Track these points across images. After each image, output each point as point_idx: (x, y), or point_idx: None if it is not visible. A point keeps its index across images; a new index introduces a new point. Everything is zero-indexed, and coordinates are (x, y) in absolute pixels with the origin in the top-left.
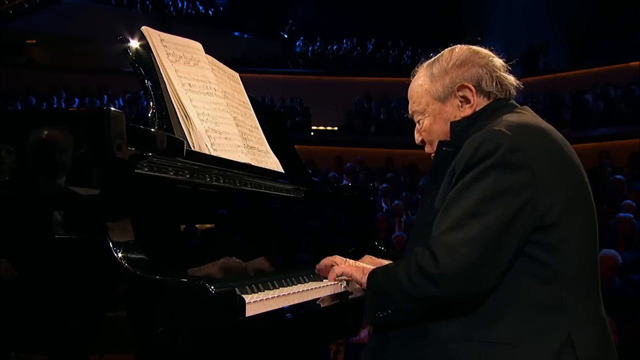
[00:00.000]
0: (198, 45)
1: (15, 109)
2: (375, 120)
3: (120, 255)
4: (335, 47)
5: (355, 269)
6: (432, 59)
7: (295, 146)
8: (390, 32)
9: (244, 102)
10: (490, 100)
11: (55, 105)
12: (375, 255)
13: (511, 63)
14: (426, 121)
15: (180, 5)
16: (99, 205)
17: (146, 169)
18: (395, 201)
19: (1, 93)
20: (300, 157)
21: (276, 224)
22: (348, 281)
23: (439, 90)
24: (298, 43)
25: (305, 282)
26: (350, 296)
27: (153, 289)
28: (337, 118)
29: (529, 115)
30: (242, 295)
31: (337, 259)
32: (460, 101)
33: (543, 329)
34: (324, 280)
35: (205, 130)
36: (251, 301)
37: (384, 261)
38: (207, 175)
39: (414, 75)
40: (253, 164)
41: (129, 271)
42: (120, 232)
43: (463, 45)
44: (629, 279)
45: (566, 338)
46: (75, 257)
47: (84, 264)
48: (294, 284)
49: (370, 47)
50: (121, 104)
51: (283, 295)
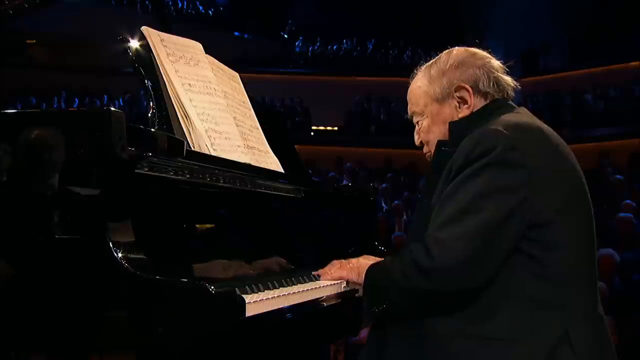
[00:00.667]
0: (198, 45)
1: (15, 109)
2: (375, 120)
3: (120, 255)
4: (335, 47)
5: (350, 270)
6: (431, 62)
7: (295, 146)
8: (390, 32)
9: (244, 102)
10: (488, 101)
11: (55, 105)
12: (375, 255)
13: (509, 64)
14: (425, 122)
15: (180, 5)
16: (99, 205)
17: (146, 169)
18: (395, 201)
19: (1, 93)
20: (300, 157)
21: (276, 224)
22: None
23: (437, 91)
24: (298, 43)
25: (305, 282)
26: (350, 296)
27: (153, 289)
28: (337, 118)
29: (526, 116)
30: (242, 295)
31: (335, 264)
32: (457, 102)
33: (539, 325)
34: (324, 280)
35: (205, 130)
36: (251, 301)
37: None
38: (207, 175)
39: (413, 78)
40: (253, 164)
41: (129, 271)
42: (120, 232)
43: (461, 48)
44: (629, 279)
45: (562, 334)
46: (75, 257)
47: (84, 264)
48: (294, 284)
49: (370, 47)
50: (121, 104)
51: (283, 295)
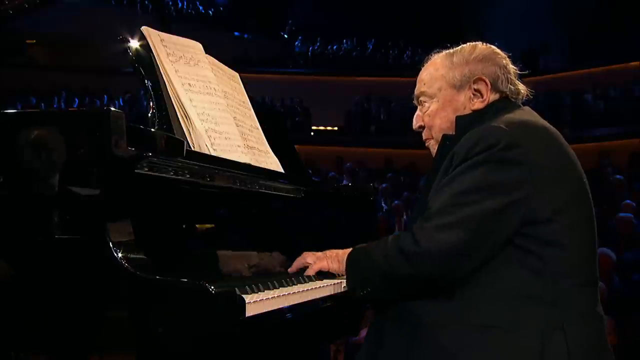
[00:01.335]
0: (198, 45)
1: (15, 109)
2: (375, 120)
3: (120, 255)
4: (335, 47)
5: (330, 259)
6: (452, 50)
7: (295, 146)
8: (390, 32)
9: (244, 102)
10: (499, 99)
11: (55, 105)
12: None
13: (522, 72)
14: (433, 106)
15: (180, 5)
16: (99, 205)
17: (146, 169)
18: (395, 201)
19: (1, 93)
20: (300, 157)
21: (276, 224)
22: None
23: (457, 77)
24: (298, 43)
25: (305, 282)
26: (350, 296)
27: (153, 289)
28: (337, 118)
29: (530, 114)
30: (242, 295)
31: (307, 256)
32: (473, 93)
33: (533, 315)
34: (324, 280)
35: (205, 130)
36: (251, 301)
37: None
38: (207, 175)
39: (427, 62)
40: (253, 164)
41: (129, 271)
42: (120, 232)
43: (484, 44)
44: (629, 279)
45: (558, 328)
46: (75, 257)
47: (84, 264)
48: (294, 284)
49: (370, 47)
50: (121, 104)
51: (283, 295)
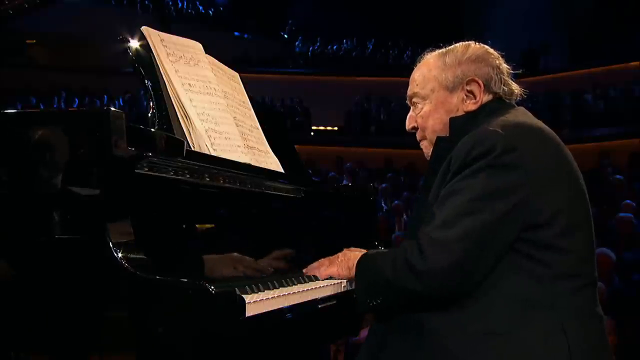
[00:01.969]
0: (198, 45)
1: (15, 109)
2: (375, 120)
3: (120, 255)
4: (335, 47)
5: (340, 266)
6: (445, 49)
7: (295, 146)
8: (390, 32)
9: (244, 102)
10: (492, 100)
11: (55, 105)
12: None
13: (516, 72)
14: (426, 107)
15: (180, 5)
16: (99, 205)
17: (146, 169)
18: (395, 201)
19: (1, 93)
20: (300, 157)
21: (276, 224)
22: (349, 281)
23: (449, 79)
24: (298, 43)
25: (305, 282)
26: (350, 296)
27: (153, 289)
28: (337, 118)
29: (525, 115)
30: (242, 295)
31: (323, 263)
32: (466, 95)
33: (535, 320)
34: (324, 280)
35: (205, 130)
36: (251, 301)
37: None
38: (207, 175)
39: (420, 61)
40: (253, 164)
41: (129, 271)
42: (120, 232)
43: (477, 43)
44: (629, 279)
45: (559, 330)
46: (75, 257)
47: (84, 264)
48: (294, 284)
49: (370, 47)
50: (121, 104)
51: (283, 295)
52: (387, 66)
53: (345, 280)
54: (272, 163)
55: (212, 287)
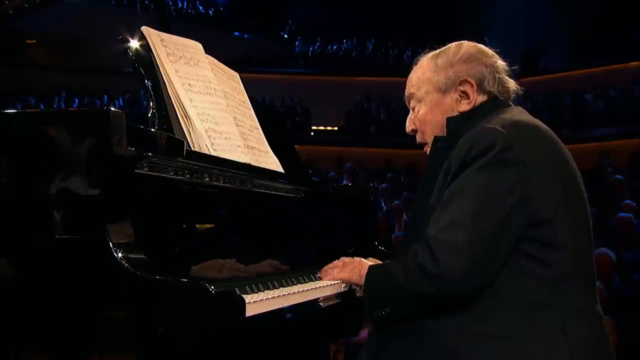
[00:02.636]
0: (198, 45)
1: (15, 109)
2: (375, 120)
3: (120, 255)
4: (335, 47)
5: (351, 271)
6: (438, 50)
7: (295, 146)
8: (390, 32)
9: (244, 102)
10: (488, 99)
11: (55, 105)
12: (375, 255)
13: (512, 67)
14: (422, 109)
15: (180, 5)
16: (99, 205)
17: (146, 169)
18: (395, 201)
19: (1, 93)
20: (300, 157)
21: (276, 224)
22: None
23: (442, 81)
24: (298, 43)
25: (305, 282)
26: (350, 296)
27: (153, 289)
28: (337, 118)
29: (522, 113)
30: (242, 295)
31: (337, 264)
32: (459, 95)
33: (536, 322)
34: (324, 280)
35: (205, 130)
36: (251, 301)
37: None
38: (207, 175)
39: (416, 64)
40: (253, 164)
41: (129, 271)
42: (120, 232)
43: (470, 43)
44: (629, 279)
45: (559, 330)
46: (75, 257)
47: (84, 264)
48: (294, 284)
49: (370, 47)
50: (121, 104)
51: (283, 295)
52: (387, 66)
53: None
54: (272, 163)
55: (212, 287)
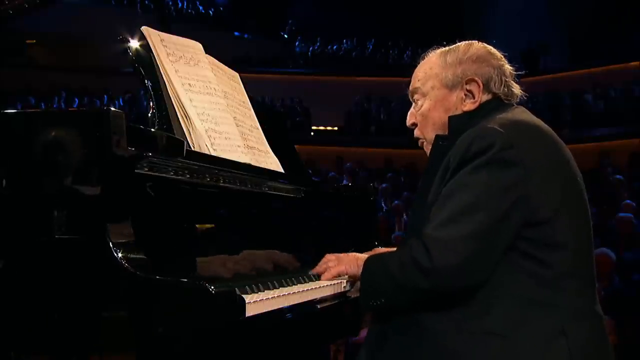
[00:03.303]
0: (198, 45)
1: (15, 109)
2: (375, 120)
3: (120, 255)
4: (335, 47)
5: (348, 264)
6: (448, 48)
7: (295, 146)
8: (390, 32)
9: (244, 102)
10: (492, 99)
11: (55, 105)
12: None
13: (518, 73)
14: (426, 104)
15: (180, 5)
16: (99, 205)
17: (146, 169)
18: (395, 201)
19: (1, 93)
20: (300, 157)
21: (276, 224)
22: (349, 281)
23: (449, 77)
24: (298, 43)
25: (305, 282)
26: (350, 296)
27: (153, 289)
28: (337, 118)
29: (523, 113)
30: (242, 295)
31: (329, 258)
32: (465, 94)
33: (535, 321)
34: (324, 280)
35: (205, 130)
36: (251, 301)
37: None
38: (207, 175)
39: (423, 59)
40: (253, 164)
41: (129, 271)
42: (120, 232)
43: (480, 43)
44: (629, 279)
45: (558, 330)
46: (75, 257)
47: (84, 264)
48: (294, 284)
49: (370, 47)
50: (121, 104)
51: (283, 295)
52: (387, 66)
53: (345, 281)
54: (272, 163)
55: (212, 287)
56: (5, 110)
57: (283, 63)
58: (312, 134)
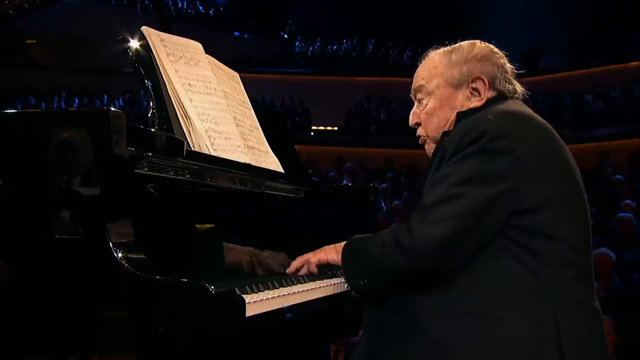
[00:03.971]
0: (198, 45)
1: (15, 109)
2: (375, 120)
3: (120, 255)
4: (335, 47)
5: (327, 251)
6: (451, 47)
7: (295, 146)
8: (390, 32)
9: (244, 102)
10: (496, 96)
11: (55, 105)
12: None
13: (519, 72)
14: (431, 103)
15: (180, 5)
16: (99, 206)
17: (146, 169)
18: (395, 201)
19: (1, 93)
20: (300, 157)
21: (276, 224)
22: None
23: (455, 76)
24: (298, 43)
25: (305, 282)
26: (350, 296)
27: (153, 289)
28: (337, 118)
29: (518, 105)
30: (242, 295)
31: (304, 255)
32: (470, 92)
33: (524, 306)
34: (324, 280)
35: (205, 130)
36: (251, 301)
37: None
38: (207, 175)
39: (425, 58)
40: (253, 164)
41: (129, 271)
42: (120, 233)
43: (483, 42)
44: (629, 279)
45: (549, 318)
46: (75, 257)
47: (84, 264)
48: (294, 284)
49: (370, 47)
50: (121, 104)
51: (283, 295)
52: (387, 66)
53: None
54: (272, 163)
55: (212, 287)
56: (5, 110)
57: (283, 63)
58: (312, 134)
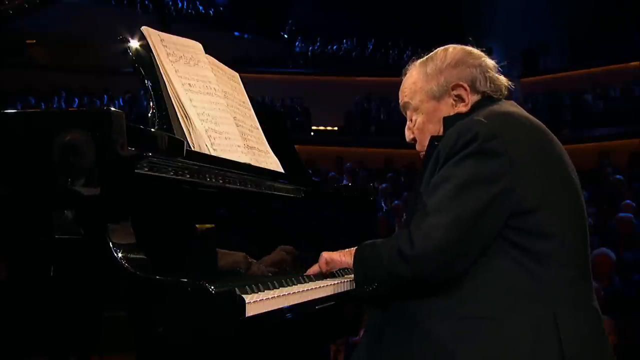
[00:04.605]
0: (198, 45)
1: (15, 109)
2: (375, 120)
3: (120, 255)
4: (335, 47)
5: (341, 254)
6: (425, 58)
7: (295, 146)
8: (390, 32)
9: (244, 102)
10: (481, 98)
11: (55, 105)
12: None
13: (504, 64)
14: (419, 119)
15: (180, 5)
16: (100, 206)
17: (146, 169)
18: (395, 201)
19: (1, 93)
20: (300, 157)
21: (276, 224)
22: (349, 281)
23: (434, 89)
24: (298, 43)
25: (305, 282)
26: (350, 296)
27: (153, 289)
28: (337, 118)
29: (511, 106)
30: (242, 295)
31: (323, 255)
32: (454, 100)
33: (524, 308)
34: (324, 280)
35: (205, 130)
36: (251, 301)
37: None
38: (207, 175)
39: (405, 74)
40: (253, 164)
41: (129, 271)
42: (120, 233)
43: (457, 46)
44: (629, 279)
45: (549, 318)
46: (75, 257)
47: (84, 264)
48: (294, 284)
49: (370, 47)
50: (121, 104)
51: (283, 295)
52: (387, 66)
53: (346, 280)
54: (272, 163)
55: (212, 287)
56: (5, 110)
57: (283, 63)
58: (312, 134)
